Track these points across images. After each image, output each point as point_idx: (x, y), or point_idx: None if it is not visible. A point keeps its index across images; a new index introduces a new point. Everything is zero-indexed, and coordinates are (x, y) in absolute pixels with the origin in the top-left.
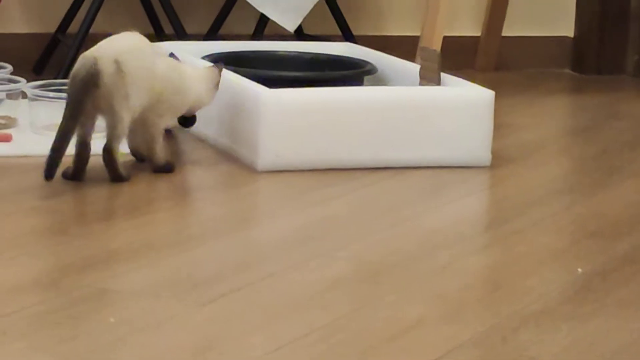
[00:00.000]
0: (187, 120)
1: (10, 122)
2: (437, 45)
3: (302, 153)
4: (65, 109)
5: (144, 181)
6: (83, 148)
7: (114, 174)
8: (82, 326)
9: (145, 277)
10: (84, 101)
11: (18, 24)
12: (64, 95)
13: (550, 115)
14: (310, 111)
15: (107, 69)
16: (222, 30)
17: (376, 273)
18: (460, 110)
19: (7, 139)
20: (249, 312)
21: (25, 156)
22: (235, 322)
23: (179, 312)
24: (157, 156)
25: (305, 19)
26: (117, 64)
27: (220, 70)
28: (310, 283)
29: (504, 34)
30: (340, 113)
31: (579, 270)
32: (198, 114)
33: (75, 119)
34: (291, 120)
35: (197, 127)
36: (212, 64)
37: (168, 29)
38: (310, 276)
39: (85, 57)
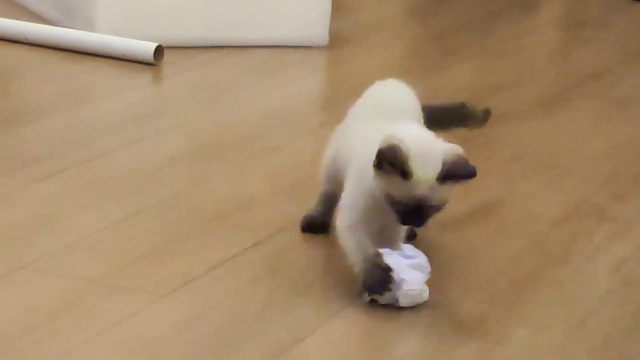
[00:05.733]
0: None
1: None
2: None
3: (140, 30)
4: None
5: None
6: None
7: None
8: None
9: None
10: None
11: None
12: None
13: None
14: None
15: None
16: None
17: (212, 152)
18: None
19: None
20: (82, 189)
21: None
22: (68, 200)
23: (11, 189)
24: None
25: None
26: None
27: None
28: (145, 161)
29: None
30: None
31: None
32: None
33: None
34: None
35: (29, 2)
36: None
37: None
38: (146, 154)
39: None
